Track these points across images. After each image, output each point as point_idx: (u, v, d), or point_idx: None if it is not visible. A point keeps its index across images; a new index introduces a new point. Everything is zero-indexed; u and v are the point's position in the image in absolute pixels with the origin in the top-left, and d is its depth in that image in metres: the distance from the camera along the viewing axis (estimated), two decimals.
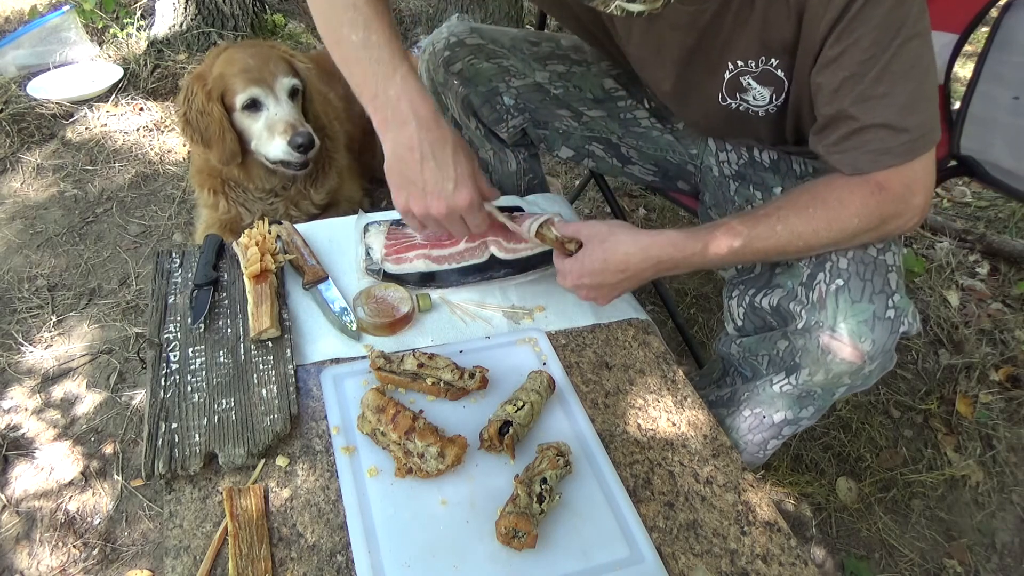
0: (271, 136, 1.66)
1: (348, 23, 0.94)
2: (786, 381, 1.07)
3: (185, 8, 2.91)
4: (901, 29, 0.87)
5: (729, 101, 1.08)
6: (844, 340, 0.97)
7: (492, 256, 1.21)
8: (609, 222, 1.04)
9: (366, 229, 1.28)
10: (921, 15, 0.89)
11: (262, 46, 1.72)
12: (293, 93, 1.69)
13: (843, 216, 0.95)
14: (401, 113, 0.95)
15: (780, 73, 1.01)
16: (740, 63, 1.02)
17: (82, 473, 1.46)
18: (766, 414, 1.13)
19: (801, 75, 0.99)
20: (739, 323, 1.17)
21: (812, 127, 1.00)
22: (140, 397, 1.60)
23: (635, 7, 0.79)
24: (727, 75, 1.04)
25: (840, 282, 0.98)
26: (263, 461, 0.93)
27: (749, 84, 1.04)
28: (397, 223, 1.29)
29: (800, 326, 1.02)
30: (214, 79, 1.63)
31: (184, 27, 2.93)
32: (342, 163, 1.91)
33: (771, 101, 1.06)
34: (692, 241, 0.98)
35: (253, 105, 1.65)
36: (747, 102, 1.07)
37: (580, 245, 1.05)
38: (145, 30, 3.00)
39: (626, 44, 1.14)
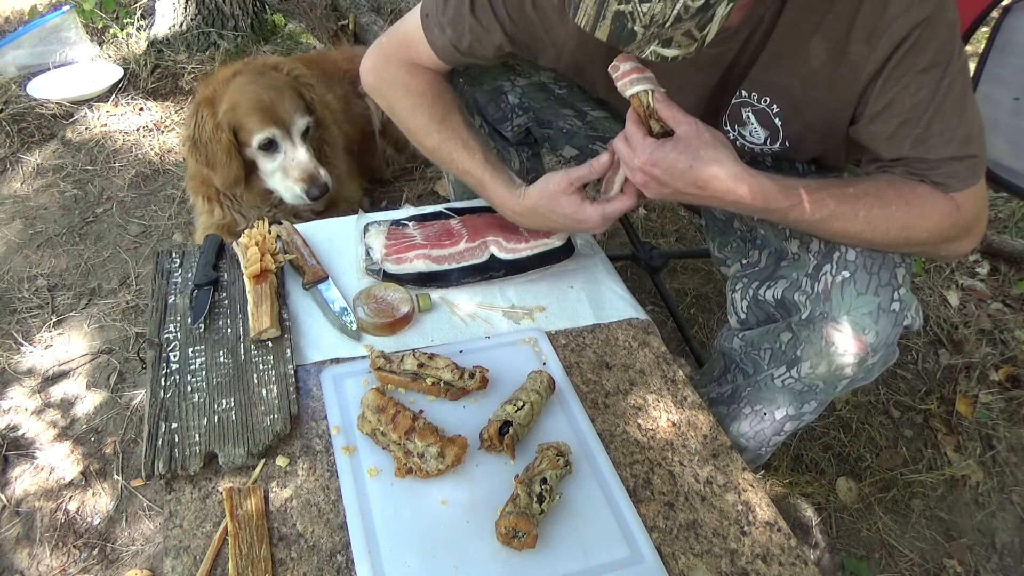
0: (285, 177, 1.68)
1: (459, 156, 1.20)
2: (788, 375, 1.07)
3: (185, 8, 2.91)
4: (948, 67, 0.88)
5: (728, 129, 1.08)
6: (848, 331, 0.97)
7: (492, 256, 1.21)
8: (712, 131, 0.93)
9: (366, 229, 1.28)
10: (960, 47, 0.89)
11: (271, 75, 1.70)
12: (306, 131, 1.70)
13: (919, 226, 0.94)
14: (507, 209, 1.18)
15: (777, 121, 1.01)
16: (744, 94, 1.02)
17: (82, 473, 1.46)
18: (767, 410, 1.13)
19: (832, 131, 0.99)
20: (742, 316, 1.16)
21: (867, 156, 1.01)
22: (140, 397, 1.60)
23: (670, 52, 0.79)
24: (733, 100, 1.04)
25: (846, 274, 0.98)
26: (263, 461, 0.93)
27: (748, 118, 1.04)
28: (397, 223, 1.29)
29: (804, 316, 1.02)
30: (226, 111, 1.62)
31: (184, 27, 2.93)
32: (341, 168, 1.90)
33: (766, 143, 1.05)
34: (780, 198, 0.93)
35: (269, 145, 1.66)
36: (744, 137, 1.07)
37: (665, 131, 0.95)
38: (145, 30, 3.00)
39: None
